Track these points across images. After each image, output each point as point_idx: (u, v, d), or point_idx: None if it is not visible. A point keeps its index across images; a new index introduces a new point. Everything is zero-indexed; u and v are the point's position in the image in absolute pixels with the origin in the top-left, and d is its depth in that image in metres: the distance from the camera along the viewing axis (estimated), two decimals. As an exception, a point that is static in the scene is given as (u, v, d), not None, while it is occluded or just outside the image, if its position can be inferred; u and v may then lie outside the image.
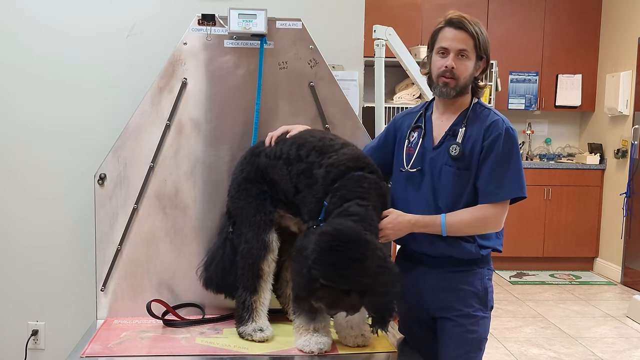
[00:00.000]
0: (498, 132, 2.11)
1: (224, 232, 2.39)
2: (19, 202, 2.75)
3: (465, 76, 2.13)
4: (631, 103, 6.41)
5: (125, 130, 2.49)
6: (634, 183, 6.27)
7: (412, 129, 2.26)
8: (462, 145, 2.12)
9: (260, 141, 2.37)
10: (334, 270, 1.85)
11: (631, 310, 5.32)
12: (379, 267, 1.89)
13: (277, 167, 2.22)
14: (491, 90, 6.35)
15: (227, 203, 2.39)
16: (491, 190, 2.10)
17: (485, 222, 2.13)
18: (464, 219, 2.10)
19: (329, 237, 1.87)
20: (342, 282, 1.86)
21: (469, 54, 2.12)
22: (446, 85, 2.13)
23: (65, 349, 2.41)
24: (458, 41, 2.11)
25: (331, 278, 1.85)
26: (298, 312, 2.10)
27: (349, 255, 1.85)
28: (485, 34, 2.15)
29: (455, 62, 2.11)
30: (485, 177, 2.11)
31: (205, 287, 2.42)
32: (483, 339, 2.23)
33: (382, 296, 1.94)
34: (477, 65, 2.16)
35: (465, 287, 2.19)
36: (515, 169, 2.11)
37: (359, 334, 2.14)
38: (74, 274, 2.75)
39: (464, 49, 2.11)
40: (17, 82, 2.71)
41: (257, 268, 2.24)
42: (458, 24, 2.12)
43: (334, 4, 2.77)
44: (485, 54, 2.16)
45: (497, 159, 2.10)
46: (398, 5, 6.49)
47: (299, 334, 2.12)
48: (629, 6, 6.54)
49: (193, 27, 2.50)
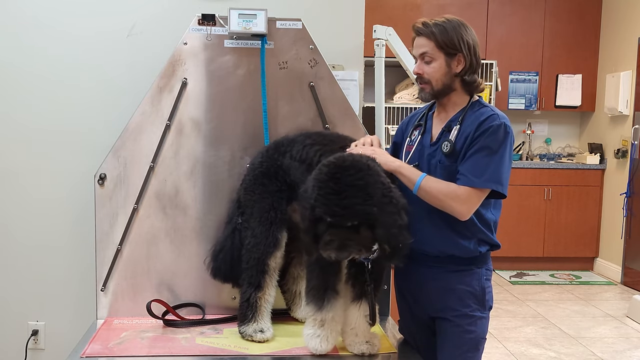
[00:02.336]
0: (490, 125, 2.09)
1: (232, 221, 2.38)
2: (19, 201, 2.75)
3: (437, 77, 2.14)
4: (631, 103, 6.41)
5: (125, 130, 2.49)
6: (634, 183, 6.27)
7: (414, 128, 2.30)
8: (454, 142, 2.12)
9: (288, 138, 2.33)
10: (336, 202, 1.80)
11: (631, 310, 5.32)
12: (384, 197, 1.85)
13: (300, 170, 2.21)
14: (491, 90, 6.35)
15: (239, 192, 2.38)
16: (469, 176, 2.08)
17: (455, 200, 2.07)
18: (439, 186, 2.08)
19: (327, 167, 1.85)
20: (346, 213, 1.81)
21: (431, 55, 2.13)
22: (422, 90, 2.20)
23: (65, 349, 2.42)
24: (418, 47, 2.16)
25: (334, 211, 1.80)
26: (308, 300, 2.09)
27: (350, 181, 1.81)
28: (453, 30, 2.12)
29: (422, 67, 2.16)
30: (467, 161, 2.09)
31: (213, 277, 2.41)
32: (481, 339, 2.23)
33: (392, 228, 1.88)
34: (450, 62, 2.14)
35: (463, 287, 2.19)
36: (498, 162, 2.08)
37: (364, 341, 2.12)
38: (74, 274, 2.75)
39: (423, 52, 2.15)
40: (17, 81, 2.71)
41: (263, 263, 2.24)
42: (417, 30, 2.17)
43: (334, 4, 2.77)
44: (455, 48, 2.12)
45: (482, 147, 2.08)
46: (398, 5, 6.49)
47: (307, 322, 2.11)
48: (629, 6, 6.54)
49: (193, 27, 2.50)
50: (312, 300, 2.06)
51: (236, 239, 2.35)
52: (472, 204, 2.09)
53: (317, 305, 2.05)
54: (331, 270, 2.06)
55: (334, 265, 2.06)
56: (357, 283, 2.09)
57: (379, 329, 2.34)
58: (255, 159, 2.38)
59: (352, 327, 2.11)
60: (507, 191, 2.13)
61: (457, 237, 2.15)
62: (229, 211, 2.45)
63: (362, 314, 2.09)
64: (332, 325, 2.08)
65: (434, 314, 2.25)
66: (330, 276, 2.06)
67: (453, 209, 2.09)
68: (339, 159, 1.89)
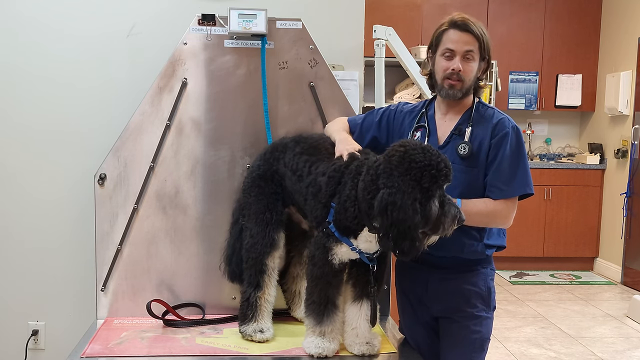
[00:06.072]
0: (505, 130, 2.13)
1: (239, 223, 2.39)
2: (19, 201, 2.75)
3: (471, 78, 2.15)
4: (631, 103, 6.41)
5: (125, 130, 2.49)
6: (634, 183, 6.27)
7: (415, 129, 2.26)
8: (470, 144, 2.13)
9: (282, 142, 2.33)
10: (433, 155, 1.85)
11: (631, 310, 5.32)
12: None
13: (292, 180, 2.22)
14: (491, 90, 6.34)
15: (241, 194, 2.39)
16: (501, 186, 2.11)
17: (496, 217, 2.13)
18: (478, 208, 2.10)
19: (391, 157, 1.87)
20: (449, 164, 1.88)
21: (474, 55, 2.13)
22: (452, 87, 2.15)
23: (65, 349, 2.41)
24: (464, 43, 2.12)
25: (439, 164, 1.84)
26: (307, 313, 2.10)
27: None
28: (487, 35, 2.17)
29: (462, 63, 2.12)
30: (495, 173, 2.12)
31: (230, 281, 2.42)
32: (486, 340, 2.23)
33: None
34: (480, 65, 2.17)
35: (469, 288, 2.19)
36: (524, 166, 2.14)
37: (364, 342, 2.12)
38: (74, 274, 2.75)
39: (470, 50, 2.12)
40: (17, 82, 2.70)
41: (261, 263, 2.24)
42: (463, 25, 2.13)
43: (334, 4, 2.77)
44: (488, 55, 2.18)
45: (507, 156, 2.11)
46: (398, 5, 6.50)
47: (306, 334, 2.12)
48: (629, 6, 6.54)
49: (193, 27, 2.50)
50: (312, 314, 2.07)
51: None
52: (511, 212, 2.15)
53: (317, 319, 2.06)
54: (334, 284, 2.07)
55: (337, 278, 2.07)
56: (357, 283, 2.10)
57: (379, 329, 2.34)
58: (254, 162, 2.39)
59: (353, 327, 2.11)
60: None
61: (466, 239, 2.15)
62: (234, 212, 2.45)
63: (363, 315, 2.09)
64: (333, 335, 2.09)
65: (439, 314, 2.25)
66: (332, 289, 2.06)
67: (497, 225, 2.16)
68: (392, 148, 1.90)
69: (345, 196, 1.98)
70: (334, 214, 2.01)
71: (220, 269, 2.45)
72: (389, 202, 1.81)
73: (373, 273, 2.05)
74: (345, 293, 2.11)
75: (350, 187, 1.97)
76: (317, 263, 2.05)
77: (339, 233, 1.99)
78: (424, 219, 1.83)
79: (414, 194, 1.81)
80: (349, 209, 1.96)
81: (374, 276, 2.06)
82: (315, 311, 2.06)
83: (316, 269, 2.05)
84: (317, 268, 2.05)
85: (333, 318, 2.07)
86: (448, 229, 1.89)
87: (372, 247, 2.00)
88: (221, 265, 2.44)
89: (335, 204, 2.01)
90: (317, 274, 2.05)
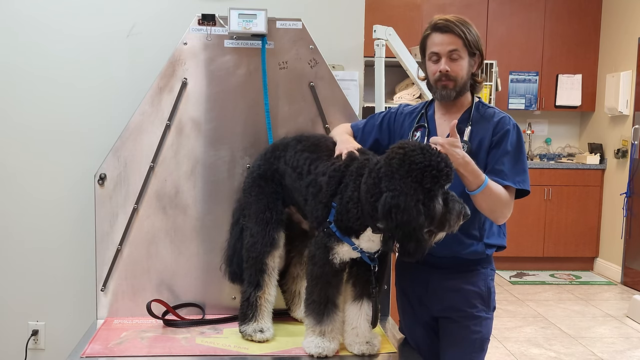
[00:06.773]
0: (507, 128, 2.14)
1: (239, 223, 2.39)
2: (19, 202, 2.74)
3: (462, 75, 2.15)
4: (631, 103, 6.42)
5: (125, 130, 2.49)
6: (634, 183, 6.27)
7: (415, 129, 2.27)
8: (470, 143, 2.13)
9: (282, 142, 2.33)
10: (433, 157, 1.85)
11: (631, 310, 5.32)
12: None
13: (292, 177, 2.22)
14: (491, 90, 6.35)
15: (241, 194, 2.39)
16: (506, 174, 2.10)
17: (503, 205, 2.10)
18: (498, 190, 2.07)
19: (391, 159, 1.87)
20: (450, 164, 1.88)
21: (460, 53, 2.14)
22: (445, 87, 2.16)
23: (65, 349, 2.41)
24: (447, 44, 2.13)
25: (439, 165, 1.84)
26: (307, 313, 2.10)
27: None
28: (473, 30, 2.16)
29: (448, 64, 2.13)
30: (498, 160, 2.11)
31: (231, 282, 2.42)
32: (486, 340, 2.23)
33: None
34: (471, 62, 2.17)
35: (469, 288, 2.19)
36: (522, 164, 2.14)
37: (364, 342, 2.12)
38: (74, 274, 2.75)
39: (454, 49, 2.13)
40: (17, 82, 2.70)
41: (261, 262, 2.24)
42: (444, 27, 2.14)
43: (334, 4, 2.77)
44: (477, 49, 2.17)
45: (509, 149, 2.12)
46: (398, 5, 6.50)
47: (306, 334, 2.12)
48: (629, 6, 6.54)
49: (193, 27, 2.50)
50: (312, 314, 2.07)
51: None
52: (511, 205, 2.13)
53: (317, 319, 2.06)
54: (334, 283, 2.07)
55: (337, 277, 2.07)
56: (357, 282, 2.10)
57: (379, 329, 2.34)
58: (255, 162, 2.39)
59: (353, 327, 2.11)
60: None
61: (466, 239, 2.15)
62: (234, 212, 2.45)
63: (363, 314, 2.09)
64: (333, 335, 2.09)
65: (439, 314, 2.25)
66: (332, 289, 2.06)
67: (500, 215, 2.12)
68: (392, 150, 1.90)
69: (347, 197, 1.98)
70: (335, 214, 2.01)
71: (220, 270, 2.45)
72: (393, 205, 1.81)
73: (374, 273, 2.05)
74: (345, 292, 2.12)
75: (352, 189, 1.97)
76: (318, 262, 2.05)
77: (340, 233, 1.99)
78: (428, 218, 1.83)
79: (416, 195, 1.81)
80: (351, 210, 1.96)
81: (375, 276, 2.06)
82: (315, 311, 2.06)
83: (316, 269, 2.05)
84: (318, 267, 2.05)
85: (333, 317, 2.07)
86: (454, 225, 1.90)
87: (374, 246, 2.00)
88: (222, 266, 2.44)
89: (336, 204, 2.01)
90: (318, 274, 2.05)
